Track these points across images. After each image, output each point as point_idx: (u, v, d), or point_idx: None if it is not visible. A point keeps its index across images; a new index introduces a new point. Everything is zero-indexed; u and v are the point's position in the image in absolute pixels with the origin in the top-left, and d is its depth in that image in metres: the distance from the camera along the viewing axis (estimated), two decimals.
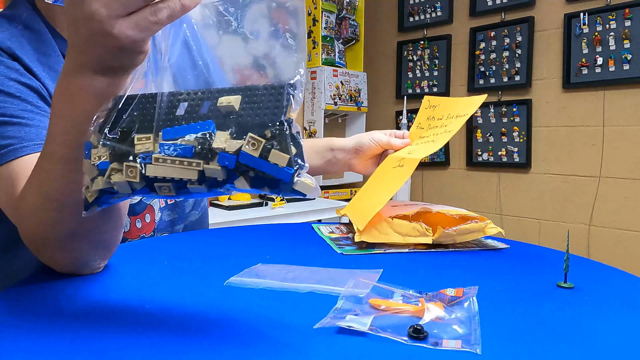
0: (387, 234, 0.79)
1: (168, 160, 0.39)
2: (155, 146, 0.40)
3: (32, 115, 0.67)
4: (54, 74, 0.74)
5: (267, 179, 0.38)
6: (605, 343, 0.43)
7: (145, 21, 0.41)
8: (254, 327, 0.44)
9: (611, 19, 2.52)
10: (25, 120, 0.66)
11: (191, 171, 0.39)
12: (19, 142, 0.64)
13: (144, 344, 0.40)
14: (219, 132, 0.39)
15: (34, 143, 0.64)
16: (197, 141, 0.39)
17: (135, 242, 0.80)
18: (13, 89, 0.68)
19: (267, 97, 0.40)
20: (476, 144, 3.05)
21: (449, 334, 0.42)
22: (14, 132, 0.64)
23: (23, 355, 0.39)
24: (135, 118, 0.42)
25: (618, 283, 0.62)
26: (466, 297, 0.50)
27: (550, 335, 0.44)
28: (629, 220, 2.54)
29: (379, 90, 3.49)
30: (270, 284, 0.56)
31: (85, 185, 0.43)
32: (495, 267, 0.70)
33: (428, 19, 3.24)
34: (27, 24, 0.74)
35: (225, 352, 0.39)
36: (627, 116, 2.52)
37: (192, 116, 0.41)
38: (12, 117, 0.66)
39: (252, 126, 0.39)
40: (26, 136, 0.64)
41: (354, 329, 0.42)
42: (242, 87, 0.42)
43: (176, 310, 0.48)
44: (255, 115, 0.40)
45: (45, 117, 0.68)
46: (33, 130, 0.66)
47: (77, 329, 0.44)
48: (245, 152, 0.38)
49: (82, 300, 0.52)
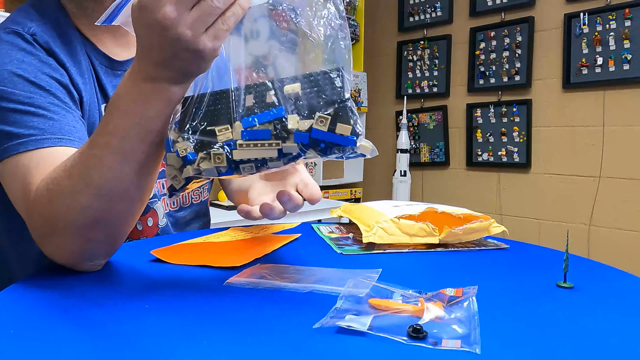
0: (395, 234, 0.79)
1: (251, 145, 0.47)
2: (235, 134, 0.48)
3: (58, 110, 0.69)
4: (80, 71, 0.77)
5: (334, 147, 0.47)
6: (605, 342, 0.43)
7: (220, 31, 0.48)
8: (254, 327, 0.44)
9: (611, 19, 2.52)
10: (50, 114, 0.68)
11: (271, 151, 0.47)
12: (41, 134, 0.66)
13: (144, 344, 0.40)
14: (289, 115, 0.47)
15: (56, 137, 0.66)
16: (273, 125, 0.47)
17: (135, 242, 0.80)
18: (44, 82, 0.70)
19: (324, 82, 0.48)
20: (476, 144, 3.05)
21: (449, 334, 0.42)
22: (38, 123, 0.66)
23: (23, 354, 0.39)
24: (211, 113, 0.49)
25: (617, 283, 0.62)
26: (466, 296, 0.50)
27: (549, 334, 0.44)
28: (629, 220, 2.54)
29: (379, 90, 3.49)
30: (269, 284, 0.56)
31: (171, 175, 0.51)
32: (495, 267, 0.70)
33: (428, 19, 3.24)
34: (57, 19, 0.77)
35: (225, 351, 0.39)
36: (627, 116, 2.52)
37: (262, 105, 0.48)
38: (39, 109, 0.68)
39: (317, 106, 0.47)
40: (49, 129, 0.66)
41: (354, 328, 0.42)
42: (300, 76, 0.49)
43: (176, 310, 0.48)
44: (317, 97, 0.47)
45: (69, 113, 0.71)
46: (56, 125, 0.68)
47: (78, 328, 0.44)
48: (317, 129, 0.46)
49: (82, 300, 0.52)
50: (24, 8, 0.78)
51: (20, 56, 0.71)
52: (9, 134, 0.65)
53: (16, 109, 0.67)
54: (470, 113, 3.04)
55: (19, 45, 0.72)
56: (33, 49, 0.72)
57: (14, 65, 0.69)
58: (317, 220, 2.47)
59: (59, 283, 0.58)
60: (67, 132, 0.68)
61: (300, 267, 0.65)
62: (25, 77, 0.69)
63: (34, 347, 0.40)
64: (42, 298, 0.52)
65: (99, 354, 0.39)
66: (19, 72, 0.69)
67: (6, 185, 0.67)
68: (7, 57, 0.70)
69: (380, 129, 3.50)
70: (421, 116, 3.29)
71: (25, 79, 0.69)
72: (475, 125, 3.04)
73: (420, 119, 3.29)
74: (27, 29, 0.73)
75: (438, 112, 3.20)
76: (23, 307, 0.50)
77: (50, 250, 0.59)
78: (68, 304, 0.50)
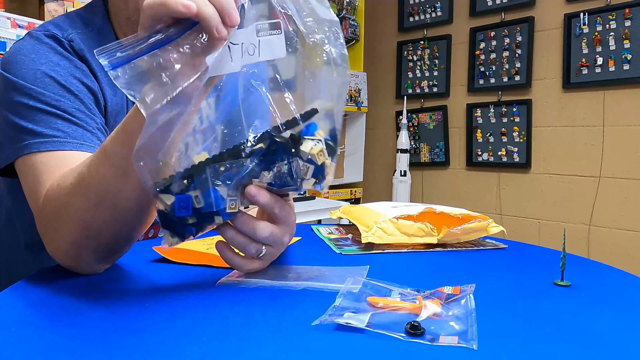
0: (394, 234, 0.79)
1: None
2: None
3: (82, 116, 0.71)
4: (113, 82, 0.77)
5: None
6: (601, 339, 0.43)
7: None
8: (254, 325, 0.45)
9: (611, 19, 2.52)
10: (75, 119, 0.70)
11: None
12: (64, 137, 0.68)
13: (145, 342, 0.41)
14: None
15: (77, 142, 0.68)
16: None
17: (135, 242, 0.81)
18: (74, 86, 0.72)
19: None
20: (476, 144, 3.05)
21: (446, 331, 0.43)
22: (62, 126, 0.68)
23: (25, 353, 0.39)
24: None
25: (615, 281, 0.63)
26: (463, 294, 0.51)
27: (546, 331, 0.44)
28: (629, 220, 2.54)
29: (379, 90, 3.50)
30: (263, 283, 0.57)
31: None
32: (493, 266, 0.70)
33: (428, 19, 3.24)
34: (100, 30, 0.80)
35: (226, 349, 0.40)
36: (627, 116, 2.53)
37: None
38: (65, 112, 0.70)
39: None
40: (72, 133, 0.69)
41: (352, 325, 0.43)
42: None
43: (176, 309, 0.49)
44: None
45: (92, 120, 0.72)
46: (79, 130, 0.70)
47: (79, 327, 0.44)
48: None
49: (83, 299, 0.52)
50: (71, 14, 0.81)
51: (56, 59, 0.73)
52: (32, 132, 0.67)
53: (43, 110, 0.69)
54: (470, 113, 3.05)
55: (55, 48, 0.74)
56: (69, 54, 0.75)
57: (48, 67, 0.72)
58: (317, 221, 2.48)
59: (60, 282, 0.58)
60: (88, 139, 0.70)
61: (292, 266, 0.65)
62: (56, 80, 0.71)
63: (35, 345, 0.41)
64: (43, 297, 0.53)
65: (99, 352, 0.39)
66: (51, 74, 0.71)
67: (23, 181, 0.68)
68: (43, 58, 0.73)
69: (380, 129, 3.50)
70: (421, 116, 3.29)
71: (57, 82, 0.71)
72: (475, 125, 3.04)
73: (420, 119, 3.30)
74: (65, 35, 0.76)
75: (438, 112, 3.21)
76: (24, 306, 0.50)
77: (51, 250, 0.60)
78: (69, 303, 0.51)
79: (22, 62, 0.71)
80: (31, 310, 0.49)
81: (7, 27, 1.75)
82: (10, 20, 1.76)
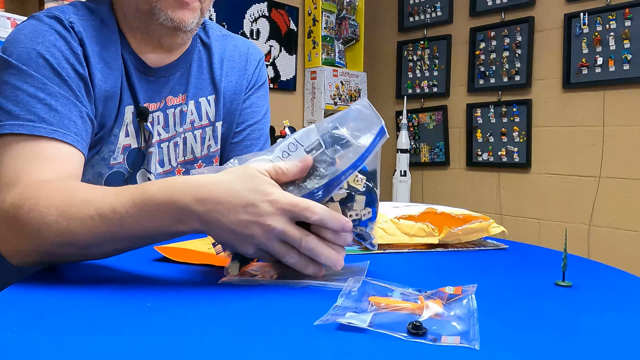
0: (395, 234, 0.79)
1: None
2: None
3: (66, 102, 0.73)
4: (106, 68, 0.80)
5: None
6: (602, 340, 0.43)
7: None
8: (255, 324, 0.45)
9: (611, 19, 2.52)
10: (56, 104, 0.72)
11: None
12: (39, 122, 0.70)
13: (147, 341, 0.41)
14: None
15: (52, 128, 0.70)
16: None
17: None
18: (65, 71, 0.74)
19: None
20: (476, 144, 3.05)
21: (448, 331, 0.43)
22: (39, 111, 0.71)
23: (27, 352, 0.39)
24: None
25: (616, 282, 0.63)
26: (465, 294, 0.51)
27: (547, 331, 0.44)
28: (629, 220, 2.54)
29: (379, 90, 3.50)
30: (264, 281, 0.57)
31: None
32: (494, 266, 0.70)
33: (428, 19, 3.24)
34: (103, 19, 0.82)
35: (228, 348, 0.40)
36: (627, 116, 2.53)
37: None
38: (48, 96, 0.72)
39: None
40: (48, 119, 0.71)
41: (354, 325, 0.43)
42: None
43: (177, 308, 0.49)
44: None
45: (75, 108, 0.74)
46: (57, 117, 0.72)
47: (80, 326, 0.44)
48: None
49: (84, 299, 0.52)
50: (76, 3, 0.83)
51: (53, 39, 0.75)
52: (9, 113, 0.69)
53: (27, 92, 0.71)
54: (470, 113, 3.05)
55: (56, 28, 0.76)
56: (68, 34, 0.76)
57: (44, 47, 0.73)
58: None
59: (61, 282, 0.58)
60: (64, 126, 0.71)
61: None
62: (49, 62, 0.73)
63: (37, 344, 0.41)
64: (43, 296, 0.53)
65: (100, 352, 0.39)
66: (45, 56, 0.73)
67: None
68: (41, 37, 0.74)
69: None
70: (421, 116, 3.29)
71: (49, 64, 0.73)
72: (475, 125, 3.04)
73: (420, 119, 3.30)
74: (67, 17, 0.78)
75: (438, 112, 3.21)
76: (25, 306, 0.50)
77: (11, 246, 0.61)
78: (69, 303, 0.51)
79: (20, 41, 0.74)
80: (31, 310, 0.49)
81: (7, 27, 1.75)
82: (10, 20, 1.76)
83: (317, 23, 3.15)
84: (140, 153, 0.86)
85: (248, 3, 2.93)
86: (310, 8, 3.18)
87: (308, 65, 3.21)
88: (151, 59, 0.86)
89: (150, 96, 0.86)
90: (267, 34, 3.02)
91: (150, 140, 0.86)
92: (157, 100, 0.87)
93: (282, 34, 3.10)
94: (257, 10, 2.98)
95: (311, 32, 3.18)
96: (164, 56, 0.87)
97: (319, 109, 3.10)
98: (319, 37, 3.14)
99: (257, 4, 2.97)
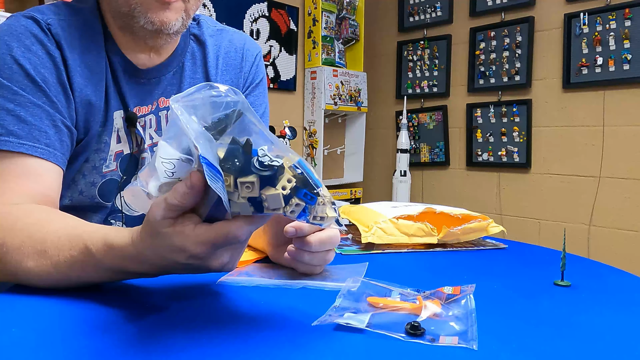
0: (394, 234, 0.79)
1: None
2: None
3: (38, 112, 0.70)
4: (87, 71, 0.77)
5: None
6: (601, 339, 0.43)
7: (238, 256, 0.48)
8: (253, 325, 0.45)
9: (611, 19, 2.52)
10: (26, 115, 0.70)
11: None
12: (6, 135, 0.68)
13: (145, 342, 0.41)
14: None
15: (19, 141, 0.68)
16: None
17: None
18: (40, 77, 0.72)
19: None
20: (476, 144, 3.05)
21: (446, 331, 0.43)
22: (8, 124, 0.69)
23: (25, 353, 0.39)
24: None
25: (615, 281, 0.63)
26: (463, 294, 0.51)
27: (546, 331, 0.44)
28: (629, 220, 2.54)
29: (379, 90, 3.50)
30: (262, 282, 0.57)
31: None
32: (493, 266, 0.70)
33: (428, 19, 3.24)
34: (87, 20, 0.78)
35: (226, 348, 0.40)
36: (627, 116, 2.53)
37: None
38: (18, 107, 0.70)
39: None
40: (16, 132, 0.69)
41: (352, 326, 0.43)
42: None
43: (176, 309, 0.49)
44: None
45: (48, 117, 0.71)
46: (26, 128, 0.69)
47: (79, 327, 0.44)
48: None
49: (84, 300, 0.52)
50: (59, 3, 0.80)
51: (29, 42, 0.72)
52: None
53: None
54: (470, 113, 3.05)
55: (32, 30, 0.73)
56: (44, 36, 0.74)
57: (20, 52, 0.71)
58: None
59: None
60: (33, 138, 0.69)
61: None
62: (24, 69, 0.71)
63: (36, 345, 0.41)
64: (43, 296, 0.53)
65: (100, 352, 0.39)
66: (21, 62, 0.71)
67: None
68: (17, 41, 0.72)
69: (380, 129, 3.50)
70: (421, 116, 3.29)
71: (24, 71, 0.71)
72: (475, 125, 3.04)
73: (420, 119, 3.30)
74: (45, 18, 0.75)
75: (438, 112, 3.21)
76: (25, 306, 0.50)
77: None
78: (69, 303, 0.51)
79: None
80: (31, 310, 0.49)
81: None
82: None
83: (317, 23, 3.15)
84: (133, 158, 0.83)
85: (248, 3, 2.93)
86: (310, 8, 3.18)
87: (308, 65, 3.21)
88: (141, 60, 0.82)
89: (141, 99, 0.83)
90: (267, 34, 3.02)
91: (143, 145, 0.83)
92: (148, 102, 0.83)
93: (282, 34, 3.10)
94: (257, 10, 2.98)
95: (311, 32, 3.18)
96: (154, 56, 0.83)
97: (319, 109, 3.10)
98: (319, 37, 3.14)
99: (257, 4, 2.97)
